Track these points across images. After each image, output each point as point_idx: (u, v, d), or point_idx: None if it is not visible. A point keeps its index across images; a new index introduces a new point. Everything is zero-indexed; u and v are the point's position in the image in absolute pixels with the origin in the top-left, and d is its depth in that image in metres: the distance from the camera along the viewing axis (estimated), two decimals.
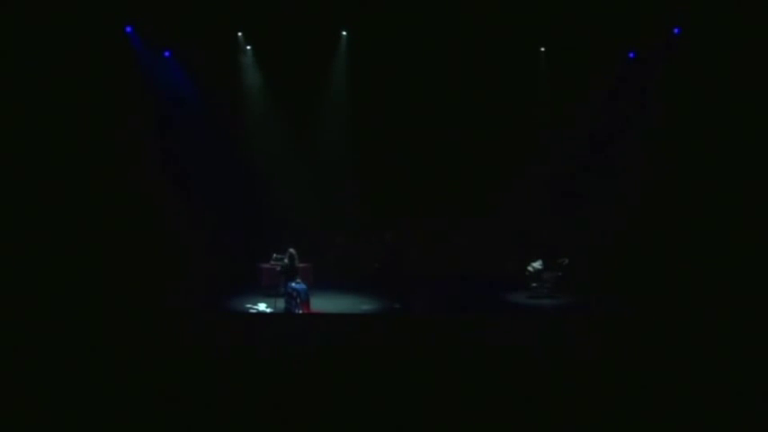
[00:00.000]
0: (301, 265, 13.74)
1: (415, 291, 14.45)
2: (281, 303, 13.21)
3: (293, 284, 13.04)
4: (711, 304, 11.12)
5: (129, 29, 14.56)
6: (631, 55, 15.72)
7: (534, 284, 14.73)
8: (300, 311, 12.83)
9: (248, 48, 16.38)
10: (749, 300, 11.10)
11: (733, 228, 13.12)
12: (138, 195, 14.39)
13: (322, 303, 13.53)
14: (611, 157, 15.75)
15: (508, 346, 8.64)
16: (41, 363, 7.55)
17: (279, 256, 13.92)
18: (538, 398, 6.74)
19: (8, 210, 11.85)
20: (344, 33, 16.20)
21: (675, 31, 14.65)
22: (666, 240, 14.22)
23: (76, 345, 8.29)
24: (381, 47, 15.63)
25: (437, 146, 16.51)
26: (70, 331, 8.94)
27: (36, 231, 12.06)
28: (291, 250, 13.44)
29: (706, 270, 12.84)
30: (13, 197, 11.99)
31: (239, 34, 16.13)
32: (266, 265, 14.48)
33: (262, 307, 13.35)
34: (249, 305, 13.48)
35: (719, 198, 13.43)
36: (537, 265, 14.85)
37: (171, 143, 15.48)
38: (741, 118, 13.29)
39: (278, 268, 13.67)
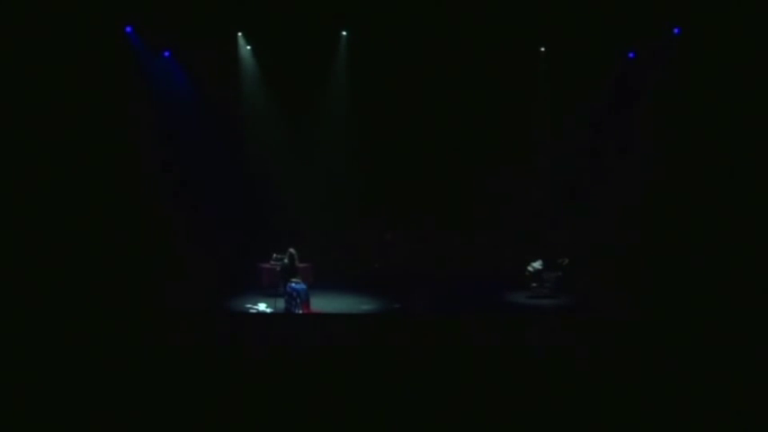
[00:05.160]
0: (301, 265, 13.74)
1: (415, 291, 14.47)
2: (281, 303, 13.21)
3: (293, 284, 13.04)
4: (712, 305, 11.11)
5: (129, 29, 14.55)
6: (631, 55, 15.72)
7: (534, 284, 14.74)
8: (300, 311, 12.83)
9: (248, 48, 16.37)
10: (750, 300, 11.09)
11: (734, 228, 13.10)
12: (138, 195, 14.37)
13: (322, 303, 13.54)
14: (612, 156, 15.73)
15: (508, 346, 8.65)
16: (41, 364, 7.55)
17: (279, 256, 13.92)
18: (537, 398, 6.73)
19: (6, 211, 11.84)
20: (344, 33, 16.20)
21: (675, 31, 14.64)
22: (666, 240, 14.21)
23: (76, 345, 8.28)
24: (381, 47, 15.63)
25: (437, 145, 16.51)
26: (70, 332, 8.94)
27: (35, 232, 12.05)
28: (291, 250, 13.45)
29: (707, 271, 12.83)
30: (12, 198, 11.97)
31: (239, 34, 16.13)
32: (266, 265, 14.48)
33: (262, 307, 13.35)
34: (249, 305, 13.48)
35: (720, 198, 13.42)
36: (537, 265, 14.87)
37: (171, 143, 15.46)
38: (741, 118, 13.28)
39: (278, 268, 13.68)
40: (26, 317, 9.74)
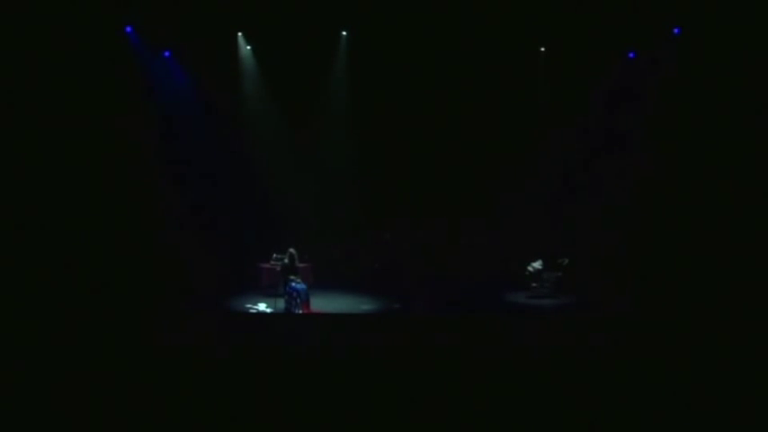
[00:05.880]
0: (301, 265, 13.75)
1: (415, 291, 14.47)
2: (281, 303, 13.22)
3: (293, 284, 13.05)
4: (712, 304, 11.12)
5: (129, 29, 14.55)
6: (631, 55, 15.72)
7: (534, 284, 14.74)
8: (300, 311, 12.83)
9: (248, 48, 16.37)
10: (750, 299, 11.09)
11: (734, 228, 13.11)
12: (138, 196, 14.37)
13: (322, 303, 13.54)
14: (612, 156, 15.72)
15: (508, 346, 8.65)
16: (42, 365, 7.55)
17: (279, 256, 13.92)
18: (538, 398, 6.73)
19: (6, 211, 11.84)
20: (344, 33, 16.20)
21: (675, 31, 14.65)
22: (667, 240, 14.22)
23: (76, 346, 8.28)
24: (381, 47, 15.62)
25: (437, 146, 16.50)
26: (70, 333, 8.94)
27: (35, 233, 12.05)
28: (291, 250, 13.46)
29: (707, 270, 12.84)
30: (12, 198, 11.97)
31: (239, 34, 16.13)
32: (266, 265, 14.48)
33: (262, 307, 13.35)
34: (249, 305, 13.48)
35: (720, 198, 13.42)
36: (537, 265, 14.87)
37: (171, 143, 15.46)
38: (741, 118, 13.29)
39: (278, 268, 13.68)
40: (26, 317, 9.74)
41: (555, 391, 6.90)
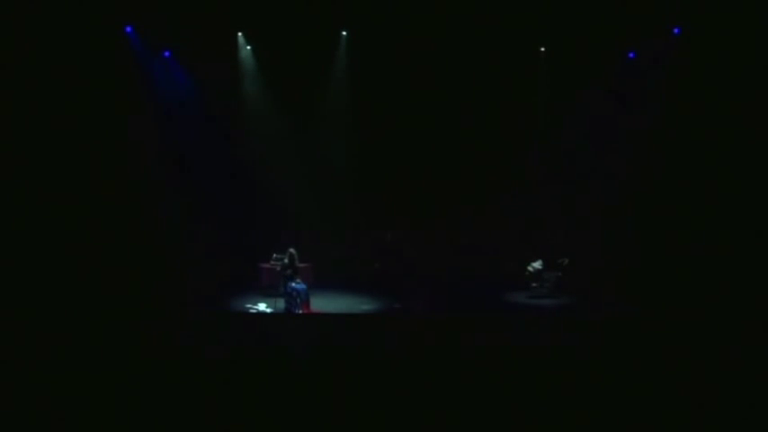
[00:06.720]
0: (301, 265, 13.75)
1: (415, 291, 14.47)
2: (281, 303, 13.22)
3: (293, 284, 13.05)
4: (711, 304, 11.12)
5: (129, 29, 14.56)
6: (631, 55, 15.73)
7: (534, 284, 14.74)
8: (300, 311, 12.84)
9: (248, 48, 16.38)
10: (749, 299, 11.09)
11: (733, 227, 13.12)
12: (138, 195, 14.37)
13: (322, 303, 13.54)
14: (611, 156, 15.73)
15: (508, 346, 8.65)
16: (42, 364, 7.55)
17: (279, 256, 13.93)
18: (537, 398, 6.73)
19: (7, 210, 11.84)
20: (344, 33, 16.20)
21: (675, 31, 14.65)
22: (666, 240, 14.22)
23: (76, 346, 8.28)
24: (381, 47, 15.63)
25: (437, 145, 16.51)
26: (70, 332, 8.94)
27: (35, 232, 12.05)
28: (291, 250, 13.46)
29: (706, 270, 12.84)
30: (12, 197, 11.97)
31: (239, 34, 16.13)
32: (266, 265, 14.49)
33: (262, 307, 13.36)
34: (249, 305, 13.48)
35: (720, 198, 13.43)
36: (537, 265, 14.87)
37: (171, 143, 15.46)
38: (741, 118, 13.29)
39: (278, 268, 13.69)
40: (24, 317, 9.74)
41: (555, 391, 6.90)
